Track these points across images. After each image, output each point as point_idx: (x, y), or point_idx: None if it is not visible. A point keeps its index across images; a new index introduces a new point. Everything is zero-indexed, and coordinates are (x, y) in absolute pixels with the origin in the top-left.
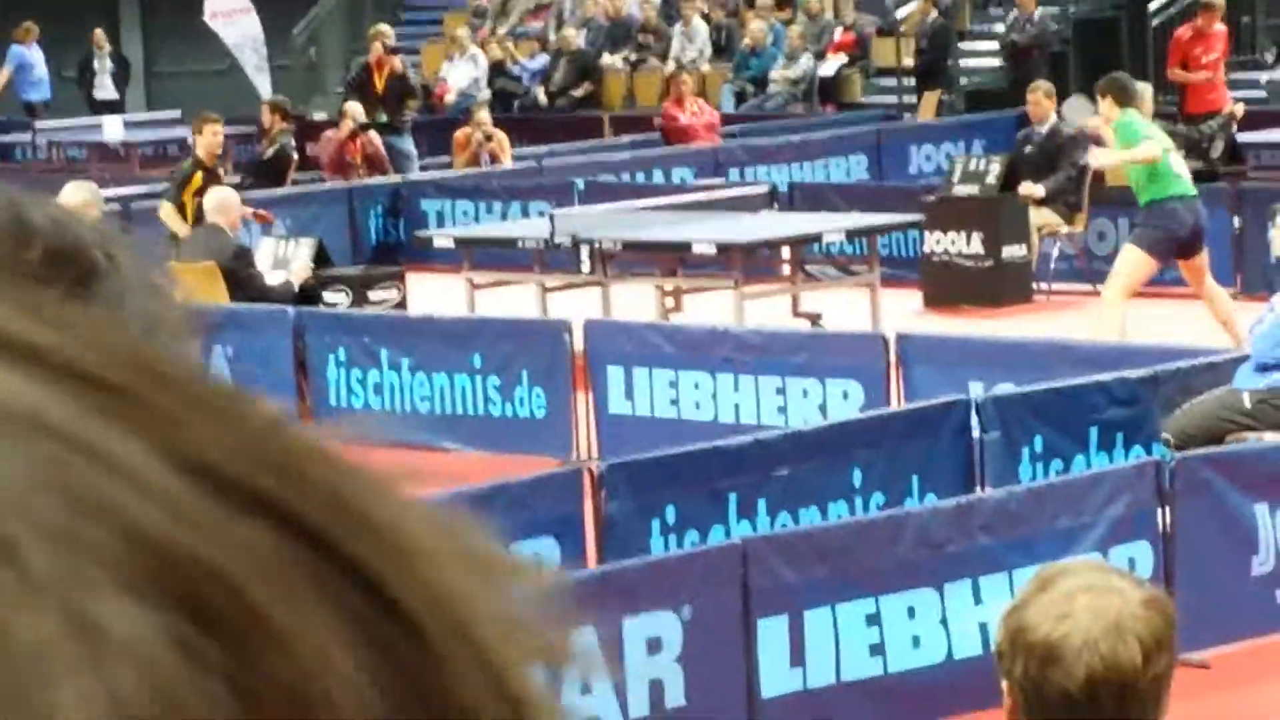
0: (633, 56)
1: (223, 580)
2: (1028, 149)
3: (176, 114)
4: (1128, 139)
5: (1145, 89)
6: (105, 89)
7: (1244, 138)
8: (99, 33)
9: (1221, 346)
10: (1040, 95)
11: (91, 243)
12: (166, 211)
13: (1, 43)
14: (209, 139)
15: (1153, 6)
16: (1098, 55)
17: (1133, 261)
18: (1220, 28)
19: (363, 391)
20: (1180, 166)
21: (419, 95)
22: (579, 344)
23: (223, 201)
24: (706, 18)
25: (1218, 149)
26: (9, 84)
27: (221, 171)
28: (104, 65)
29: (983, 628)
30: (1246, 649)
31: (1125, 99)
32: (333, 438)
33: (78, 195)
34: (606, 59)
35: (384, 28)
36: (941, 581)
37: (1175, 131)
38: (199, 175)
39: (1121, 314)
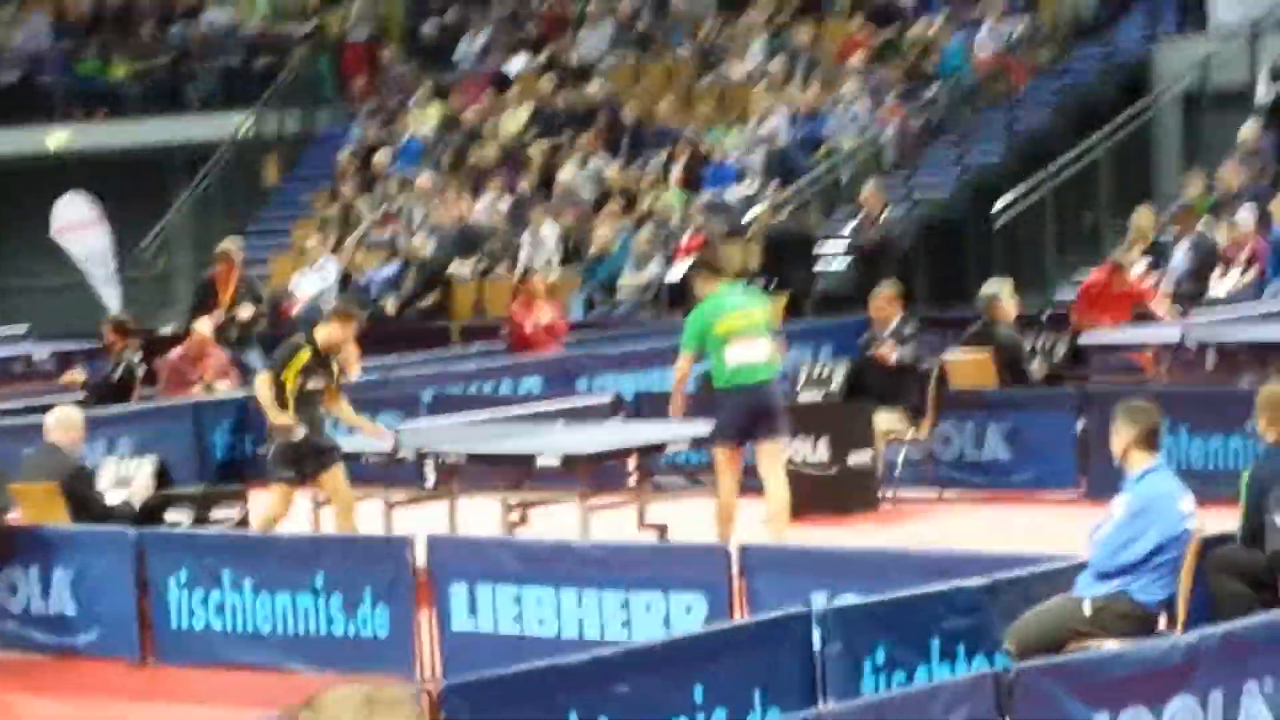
0: (482, 264)
1: None
2: (871, 352)
3: (22, 329)
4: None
5: (1003, 286)
6: None
7: (1086, 339)
8: None
9: (1062, 553)
10: (883, 299)
11: None
12: (263, 381)
13: None
14: (334, 330)
15: (996, 207)
16: (944, 256)
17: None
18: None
19: (205, 612)
20: (745, 352)
21: (263, 305)
22: (422, 560)
23: (64, 420)
24: (555, 222)
25: (1059, 352)
26: None
27: (334, 366)
28: None
29: None
30: None
31: (714, 271)
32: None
33: None
34: (455, 267)
35: (230, 243)
36: None
37: (1004, 337)
38: (307, 354)
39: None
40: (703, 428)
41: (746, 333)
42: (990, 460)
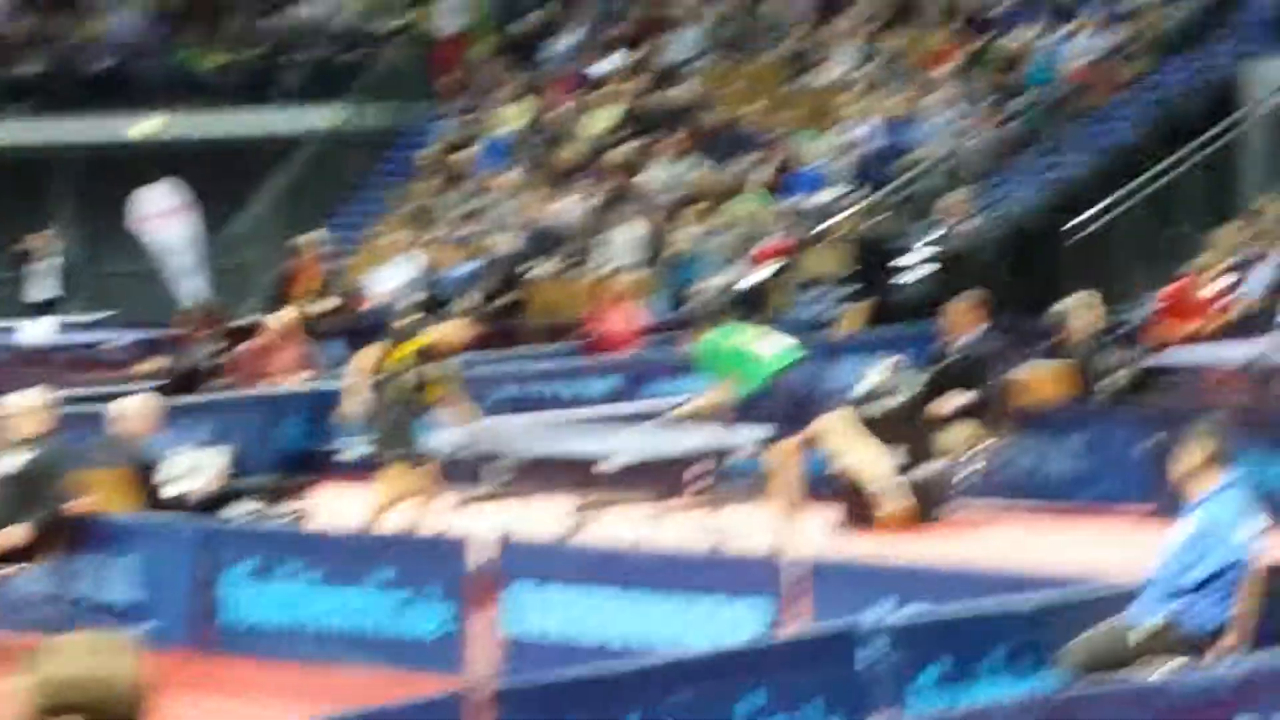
0: (561, 264)
1: None
2: (945, 363)
3: (104, 315)
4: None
5: (1082, 300)
6: (40, 290)
7: (1163, 356)
8: (44, 235)
9: (1124, 575)
10: (962, 308)
11: None
12: (368, 355)
13: None
14: (459, 330)
15: (1081, 219)
16: (1026, 268)
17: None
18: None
19: (265, 605)
20: (763, 347)
21: (343, 299)
22: (485, 560)
23: (137, 408)
24: (638, 223)
25: (1136, 367)
26: None
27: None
28: (41, 266)
29: None
30: None
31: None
32: None
33: (25, 403)
34: (535, 266)
35: (312, 236)
36: None
37: (1080, 351)
38: (416, 344)
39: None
40: (766, 429)
41: (758, 336)
42: (1061, 475)
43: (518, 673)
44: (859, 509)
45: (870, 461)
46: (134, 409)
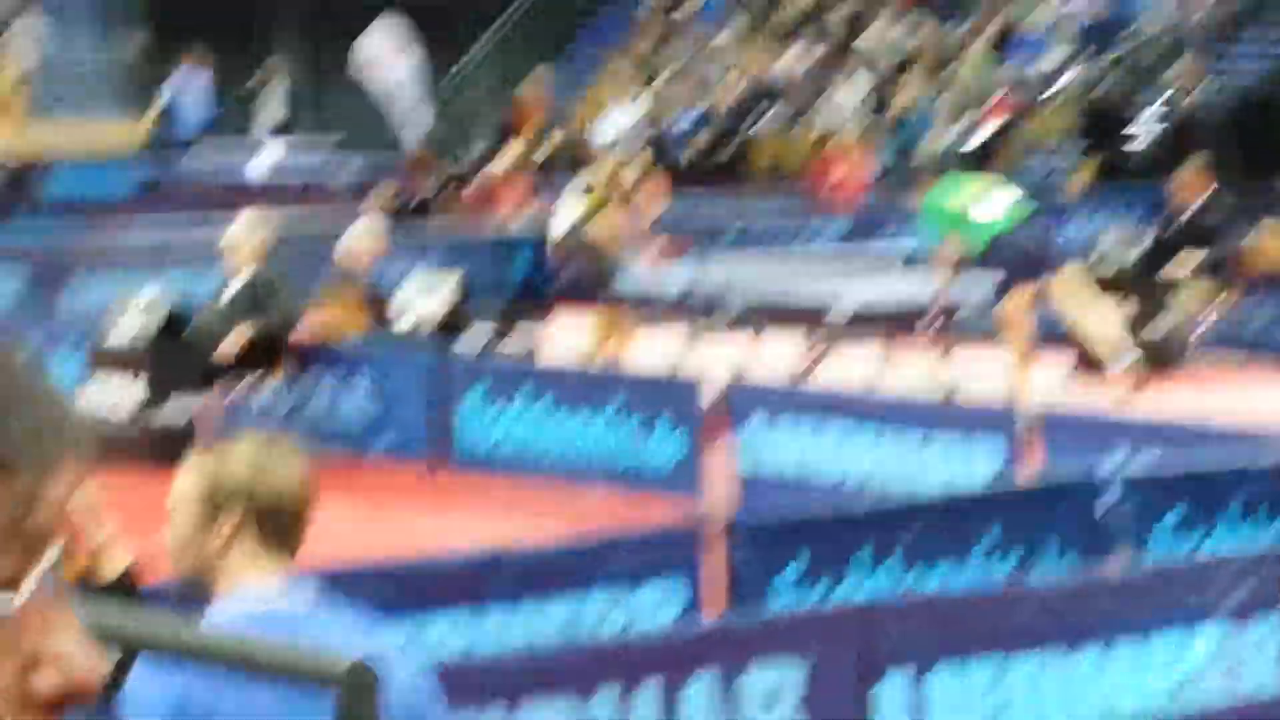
0: (782, 121)
1: None
2: (1175, 225)
3: (333, 141)
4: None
5: None
6: (271, 117)
7: None
8: (273, 61)
9: None
10: (1186, 174)
11: None
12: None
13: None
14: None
15: None
16: (1258, 133)
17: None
18: None
19: (501, 430)
20: (985, 211)
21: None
22: (718, 396)
23: (367, 234)
24: (860, 81)
25: None
26: (164, 114)
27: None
28: (271, 93)
29: (1106, 698)
30: None
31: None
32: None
33: (244, 228)
34: (756, 122)
35: (538, 77)
36: (1066, 652)
37: None
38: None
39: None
40: (996, 278)
41: (979, 195)
42: None
43: (751, 507)
44: (1091, 363)
45: (1100, 321)
46: (364, 234)
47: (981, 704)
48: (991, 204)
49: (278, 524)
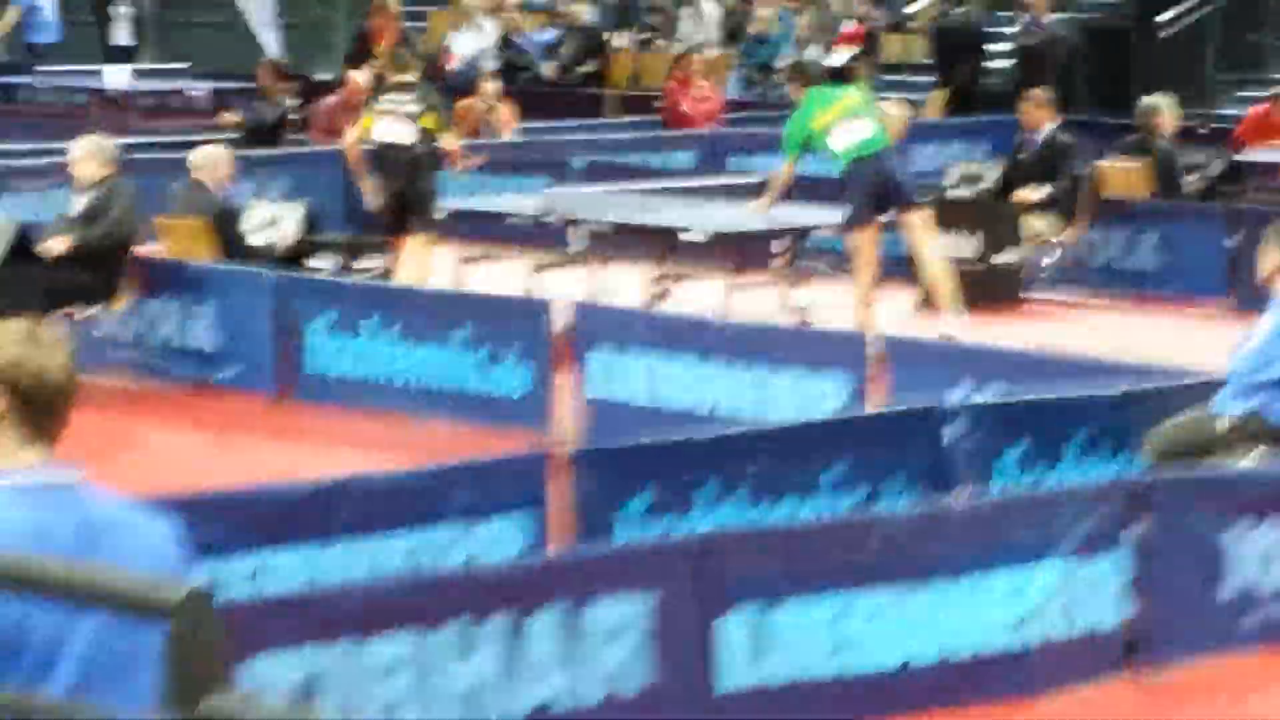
0: (641, 36)
1: None
2: (1023, 155)
3: (182, 65)
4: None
5: (1164, 99)
6: (121, 36)
7: (1244, 156)
8: None
9: (1204, 367)
10: (1033, 103)
11: None
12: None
13: None
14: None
15: (1164, 17)
16: (1107, 63)
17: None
18: None
19: (345, 359)
20: (847, 134)
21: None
22: (565, 324)
23: (213, 157)
24: (717, 1)
25: (1216, 168)
26: (17, 26)
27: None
28: (120, 12)
29: (947, 631)
30: (1209, 666)
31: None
32: None
33: (86, 147)
34: (614, 37)
35: None
36: (909, 584)
37: (1161, 149)
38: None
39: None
40: (846, 209)
41: (844, 117)
42: (1139, 269)
43: (598, 436)
44: (931, 302)
45: (941, 268)
46: (212, 157)
47: (826, 637)
48: (850, 131)
49: (40, 408)
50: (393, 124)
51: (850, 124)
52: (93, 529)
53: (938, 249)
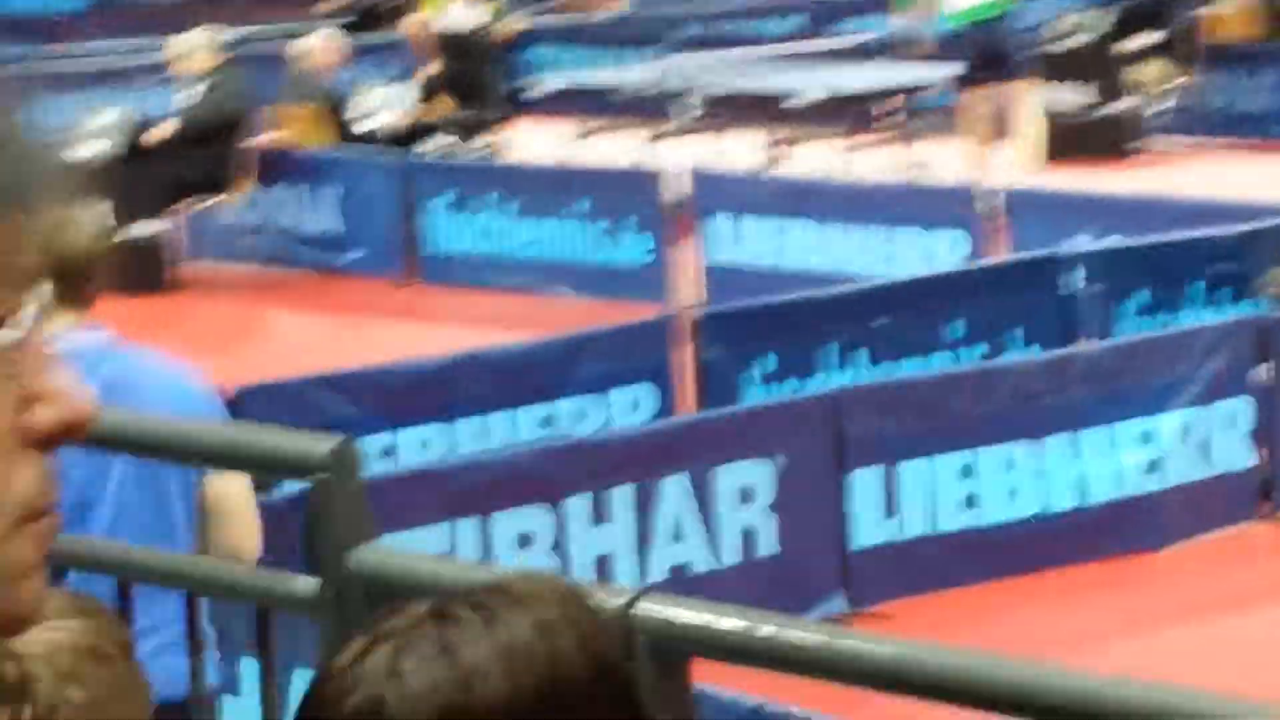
0: None
1: None
2: (1133, 1)
3: None
4: None
5: None
6: None
7: None
8: None
9: None
10: None
11: None
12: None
13: None
14: None
15: None
16: None
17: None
18: None
19: (468, 236)
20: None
21: None
22: (684, 192)
23: (325, 44)
24: None
25: None
26: None
27: None
28: None
29: (1079, 481)
30: None
31: None
32: None
33: (192, 40)
34: None
35: None
36: (1038, 435)
37: None
38: None
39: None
40: (958, 68)
41: None
42: (1256, 111)
43: (720, 301)
44: (1056, 141)
45: (1029, 130)
46: (318, 45)
47: (956, 491)
48: None
49: (68, 277)
50: (463, 8)
51: None
52: (117, 388)
53: (1036, 118)
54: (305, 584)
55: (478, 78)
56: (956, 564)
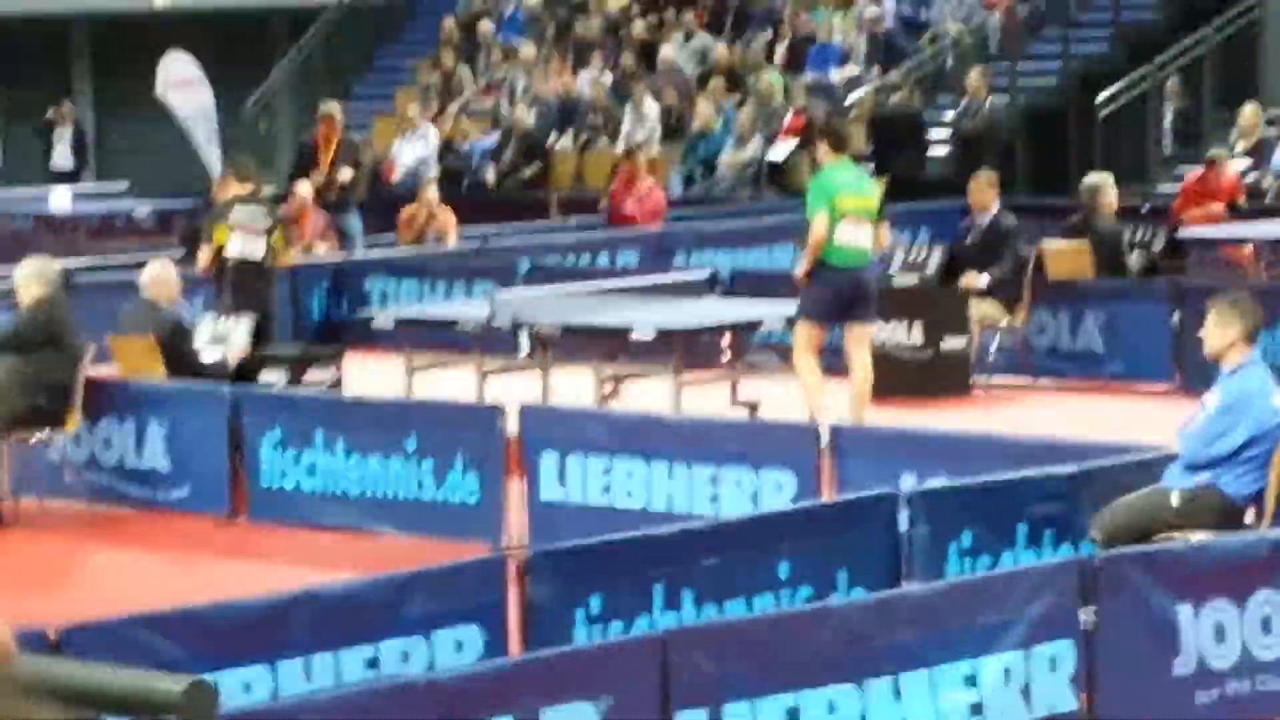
0: (583, 137)
1: None
2: (969, 239)
3: (124, 185)
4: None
5: (1105, 179)
6: (63, 159)
7: (1185, 233)
8: (65, 104)
9: (1153, 444)
10: (982, 184)
11: None
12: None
13: None
14: None
15: (1101, 98)
16: (1046, 145)
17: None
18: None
19: (296, 472)
20: (847, 235)
21: (364, 169)
22: (514, 429)
23: (161, 275)
24: (657, 98)
25: (1158, 245)
26: None
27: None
28: (62, 135)
29: None
30: None
31: (838, 145)
32: None
33: (29, 269)
34: (556, 139)
35: (332, 105)
36: (862, 677)
37: (1103, 229)
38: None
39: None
40: (790, 306)
41: (857, 215)
42: (1085, 350)
43: (549, 539)
44: (885, 380)
45: (866, 381)
46: (159, 275)
47: None
48: (855, 234)
49: None
50: (247, 240)
51: (859, 226)
52: None
53: (868, 366)
54: None
55: (267, 308)
56: None
